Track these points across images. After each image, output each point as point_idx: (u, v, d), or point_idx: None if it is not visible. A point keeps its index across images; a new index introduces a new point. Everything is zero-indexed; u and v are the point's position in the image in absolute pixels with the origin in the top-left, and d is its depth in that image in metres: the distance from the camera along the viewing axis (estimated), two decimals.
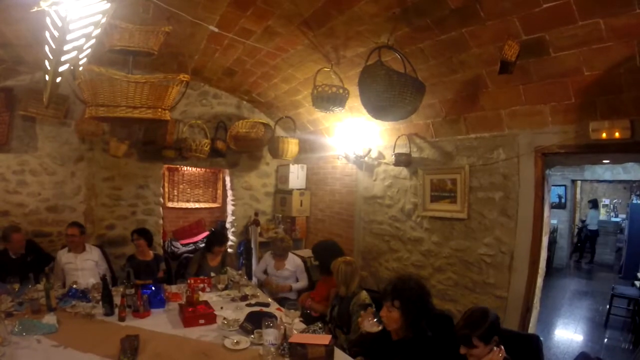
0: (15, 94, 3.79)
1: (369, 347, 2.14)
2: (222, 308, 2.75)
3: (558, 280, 7.10)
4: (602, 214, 10.67)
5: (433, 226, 3.40)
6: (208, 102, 4.85)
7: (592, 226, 8.90)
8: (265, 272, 3.89)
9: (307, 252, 4.80)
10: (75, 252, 3.35)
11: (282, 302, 3.07)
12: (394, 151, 3.63)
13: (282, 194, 5.28)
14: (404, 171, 3.69)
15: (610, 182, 8.99)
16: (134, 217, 4.52)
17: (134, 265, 3.34)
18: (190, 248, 6.09)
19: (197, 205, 7.10)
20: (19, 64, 3.63)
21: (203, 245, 4.76)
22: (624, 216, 9.40)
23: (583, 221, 9.44)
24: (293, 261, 3.86)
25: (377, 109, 2.36)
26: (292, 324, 2.30)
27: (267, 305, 2.87)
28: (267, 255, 3.99)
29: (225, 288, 3.19)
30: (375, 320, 2.07)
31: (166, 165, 5.30)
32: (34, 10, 1.22)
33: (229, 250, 5.04)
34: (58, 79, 1.66)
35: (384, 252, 3.93)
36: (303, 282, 3.80)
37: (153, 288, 2.79)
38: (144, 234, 3.66)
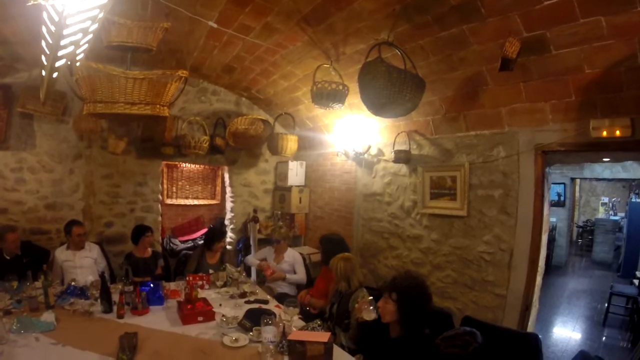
0: (13, 91, 3.76)
1: (368, 344, 2.13)
2: (220, 305, 2.75)
3: (557, 279, 7.12)
4: (601, 212, 10.69)
5: (432, 224, 3.40)
6: (207, 98, 4.83)
7: None
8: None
9: (306, 249, 4.81)
10: (75, 250, 3.34)
11: (281, 299, 3.07)
12: (393, 148, 3.62)
13: (281, 191, 5.27)
14: (403, 168, 3.68)
15: (609, 180, 9.00)
16: (133, 215, 4.51)
17: (132, 262, 3.34)
18: (189, 245, 6.09)
19: (195, 202, 7.10)
20: (17, 61, 3.60)
21: (202, 242, 4.76)
22: (622, 215, 9.42)
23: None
24: (292, 255, 3.86)
25: (377, 106, 2.36)
26: (291, 321, 2.29)
27: (265, 302, 2.87)
28: (267, 249, 3.99)
29: (224, 285, 3.19)
30: (371, 308, 2.06)
31: (165, 162, 5.29)
32: (30, 4, 1.21)
33: (228, 247, 5.04)
34: (55, 74, 1.64)
35: (383, 250, 3.92)
36: (300, 276, 3.77)
37: (151, 285, 2.78)
38: (152, 230, 3.76)
